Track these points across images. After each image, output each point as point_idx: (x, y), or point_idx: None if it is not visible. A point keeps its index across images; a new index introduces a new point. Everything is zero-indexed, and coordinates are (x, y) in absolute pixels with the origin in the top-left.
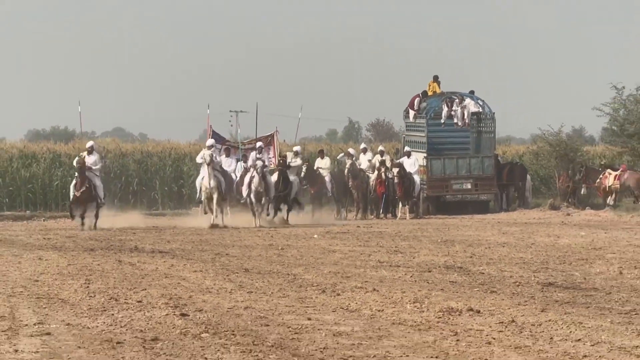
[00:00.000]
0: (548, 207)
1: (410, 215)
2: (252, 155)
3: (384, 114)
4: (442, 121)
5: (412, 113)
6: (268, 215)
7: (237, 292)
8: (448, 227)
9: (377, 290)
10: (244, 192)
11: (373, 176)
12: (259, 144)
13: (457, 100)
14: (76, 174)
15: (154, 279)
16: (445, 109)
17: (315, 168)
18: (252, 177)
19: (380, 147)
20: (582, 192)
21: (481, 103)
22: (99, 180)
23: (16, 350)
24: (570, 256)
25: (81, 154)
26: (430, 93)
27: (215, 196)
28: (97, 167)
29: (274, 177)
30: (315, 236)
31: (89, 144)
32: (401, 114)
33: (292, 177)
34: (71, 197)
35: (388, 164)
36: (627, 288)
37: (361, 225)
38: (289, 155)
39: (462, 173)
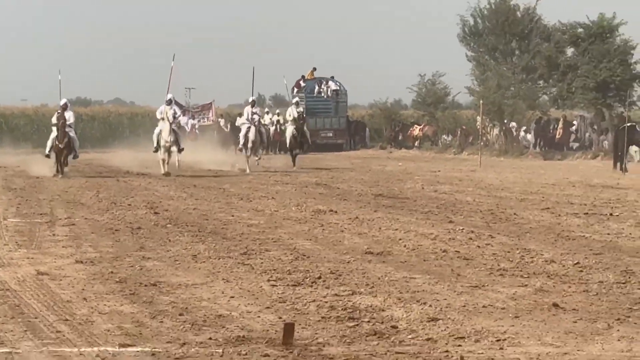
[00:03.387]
0: (379, 148)
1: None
2: (248, 109)
3: (280, 90)
4: (315, 95)
5: (296, 90)
6: (258, 158)
7: (189, 199)
8: (318, 160)
9: (274, 198)
10: (242, 141)
11: (272, 128)
12: (251, 98)
13: (324, 82)
14: (54, 128)
15: (139, 191)
16: (317, 87)
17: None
18: (248, 129)
19: (277, 110)
20: (399, 139)
21: (338, 84)
22: (74, 135)
23: (54, 234)
24: (392, 177)
25: (59, 111)
26: (308, 77)
27: (173, 149)
28: (72, 121)
29: (289, 131)
30: (237, 165)
31: (63, 101)
32: (290, 90)
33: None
34: (48, 148)
35: (282, 121)
36: (426, 197)
37: (264, 159)
38: (293, 107)
39: (327, 127)
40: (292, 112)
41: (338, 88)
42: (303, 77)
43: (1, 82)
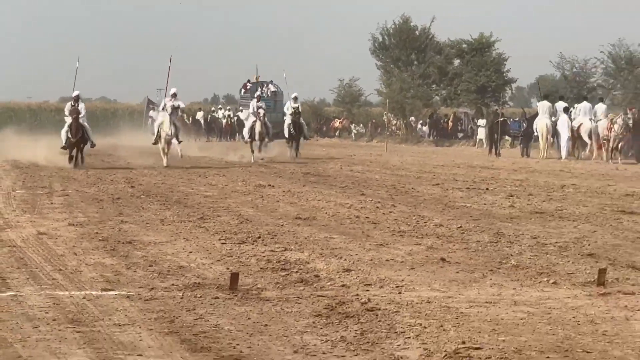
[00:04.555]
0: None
1: (242, 141)
2: (253, 103)
3: (231, 90)
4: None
5: (243, 91)
6: (262, 149)
7: (159, 176)
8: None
9: (225, 175)
10: (246, 135)
11: (224, 121)
12: (257, 93)
13: (265, 84)
14: (68, 120)
15: (119, 170)
16: (259, 89)
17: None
18: (254, 122)
19: (228, 107)
20: (323, 130)
21: (277, 86)
22: (88, 125)
23: (51, 203)
24: (318, 160)
25: (72, 103)
26: (253, 80)
27: (172, 140)
28: (84, 113)
29: (286, 124)
30: (197, 149)
31: (75, 92)
32: (239, 90)
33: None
34: (64, 139)
35: (232, 115)
36: (344, 175)
37: (219, 145)
38: (291, 101)
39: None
40: (289, 106)
41: (276, 90)
42: (249, 80)
43: (10, 82)
